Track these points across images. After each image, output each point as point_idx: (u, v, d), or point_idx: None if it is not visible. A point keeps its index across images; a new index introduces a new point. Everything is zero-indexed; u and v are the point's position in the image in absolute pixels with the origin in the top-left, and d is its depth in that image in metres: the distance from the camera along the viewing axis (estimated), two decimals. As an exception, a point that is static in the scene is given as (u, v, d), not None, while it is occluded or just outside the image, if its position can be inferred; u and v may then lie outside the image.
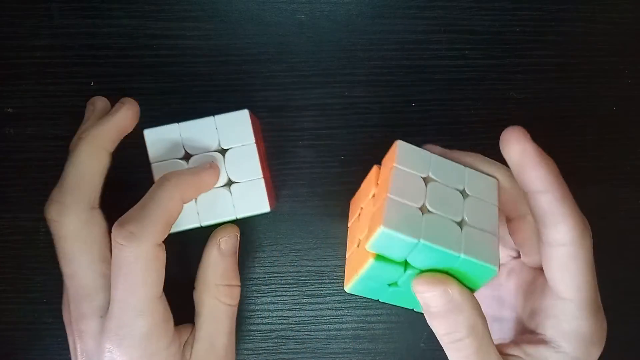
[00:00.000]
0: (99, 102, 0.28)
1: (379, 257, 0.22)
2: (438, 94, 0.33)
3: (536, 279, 0.26)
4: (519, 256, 0.28)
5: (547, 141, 0.33)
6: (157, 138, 0.27)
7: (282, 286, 0.32)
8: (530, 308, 0.26)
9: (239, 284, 0.29)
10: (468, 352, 0.22)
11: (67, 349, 0.27)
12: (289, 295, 0.32)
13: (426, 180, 0.24)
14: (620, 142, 0.33)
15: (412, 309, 0.26)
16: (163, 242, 0.25)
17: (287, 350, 0.32)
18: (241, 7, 0.33)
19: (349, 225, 0.28)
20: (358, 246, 0.25)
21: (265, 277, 0.32)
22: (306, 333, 0.32)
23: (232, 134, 0.27)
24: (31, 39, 0.32)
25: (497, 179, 0.25)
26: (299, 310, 0.32)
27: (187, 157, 0.27)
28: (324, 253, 0.32)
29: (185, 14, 0.33)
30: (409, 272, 0.23)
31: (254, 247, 0.32)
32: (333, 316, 0.32)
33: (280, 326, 0.32)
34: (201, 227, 0.27)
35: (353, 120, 0.33)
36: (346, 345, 0.32)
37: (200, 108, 0.32)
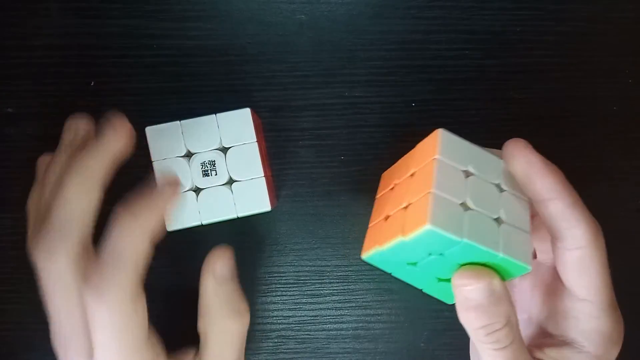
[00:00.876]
0: (82, 127, 0.27)
1: (409, 243, 0.22)
2: (438, 94, 0.33)
3: (554, 279, 0.26)
4: (534, 256, 0.28)
5: (547, 141, 0.33)
6: (158, 136, 0.27)
7: (282, 286, 0.32)
8: (548, 310, 0.26)
9: (247, 306, 0.28)
10: (505, 343, 0.22)
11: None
12: (289, 295, 0.32)
13: (466, 173, 0.24)
14: (620, 142, 0.33)
15: (421, 290, 0.26)
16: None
17: (287, 350, 0.32)
18: (241, 7, 0.33)
19: (377, 197, 0.28)
20: (386, 220, 0.25)
21: (265, 277, 0.32)
22: (306, 333, 0.32)
23: (234, 132, 0.27)
24: (31, 39, 0.32)
25: None
26: (299, 310, 0.32)
27: (188, 154, 0.27)
28: (324, 253, 0.32)
29: (185, 14, 0.33)
30: (432, 257, 0.23)
31: (254, 247, 0.32)
32: (333, 316, 0.32)
33: (280, 326, 0.32)
34: (202, 226, 0.27)
35: (353, 120, 0.33)
36: (346, 345, 0.32)
37: (200, 108, 0.32)
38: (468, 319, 0.23)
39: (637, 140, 0.33)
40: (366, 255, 0.25)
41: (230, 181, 0.27)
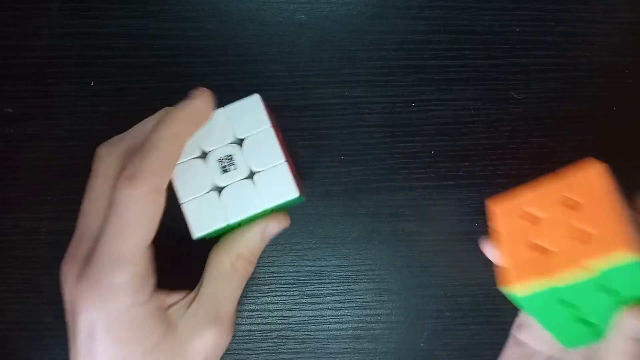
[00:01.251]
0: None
1: (599, 277, 0.21)
2: (438, 94, 0.33)
3: None
4: None
5: (547, 141, 0.33)
6: None
7: (282, 286, 0.32)
8: None
9: (255, 263, 0.28)
10: None
11: (67, 348, 0.27)
12: (289, 295, 0.32)
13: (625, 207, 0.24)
14: (620, 142, 0.33)
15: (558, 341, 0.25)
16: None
17: (287, 350, 0.32)
18: (241, 7, 0.33)
19: (499, 230, 0.26)
20: (542, 253, 0.23)
21: (265, 277, 0.32)
22: (306, 333, 0.32)
23: (246, 121, 0.25)
24: (31, 39, 0.32)
25: None
26: (299, 310, 0.32)
27: (203, 154, 0.26)
28: (324, 253, 0.32)
29: (185, 14, 0.33)
30: (596, 295, 0.22)
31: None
32: (333, 316, 0.32)
33: (280, 326, 0.32)
34: (229, 227, 0.26)
35: (353, 120, 0.33)
36: (346, 345, 0.32)
37: (200, 108, 0.32)
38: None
39: (637, 140, 0.33)
40: (520, 289, 0.23)
41: (252, 173, 0.26)
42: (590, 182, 0.24)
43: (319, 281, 0.32)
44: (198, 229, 0.25)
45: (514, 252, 0.24)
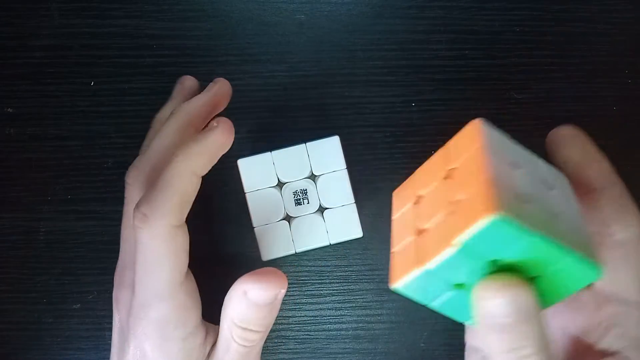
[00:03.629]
0: (188, 82, 0.30)
1: (466, 247, 0.18)
2: (438, 94, 0.33)
3: (577, 296, 0.24)
4: None
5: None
6: (250, 167, 0.27)
7: (282, 286, 0.32)
8: (586, 321, 0.24)
9: (262, 330, 0.25)
10: None
11: (67, 349, 0.27)
12: (289, 295, 0.32)
13: (514, 166, 0.20)
14: (620, 142, 0.33)
15: (463, 322, 0.22)
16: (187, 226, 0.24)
17: (287, 350, 0.32)
18: (241, 7, 0.33)
19: (393, 218, 0.24)
20: (420, 235, 0.21)
21: (265, 277, 0.32)
22: (306, 333, 0.32)
23: (324, 160, 0.27)
24: (31, 39, 0.32)
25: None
26: (299, 310, 0.32)
27: (280, 184, 0.27)
28: (324, 253, 0.32)
29: (185, 14, 0.33)
30: (487, 269, 0.19)
31: (254, 247, 0.32)
32: (333, 316, 0.32)
33: (280, 326, 0.32)
34: (296, 254, 0.28)
35: (353, 120, 0.33)
36: (346, 345, 0.32)
37: (200, 108, 0.32)
38: (489, 341, 0.19)
39: (637, 140, 0.33)
40: (400, 283, 0.20)
41: (322, 209, 0.27)
42: (465, 143, 0.21)
43: (319, 281, 0.32)
44: (267, 254, 0.27)
45: (399, 242, 0.22)
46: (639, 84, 0.33)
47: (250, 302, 0.24)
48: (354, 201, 0.27)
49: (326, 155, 0.27)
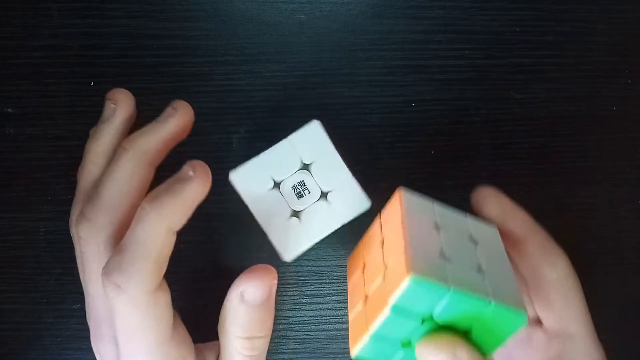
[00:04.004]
0: (124, 101, 0.25)
1: (396, 308, 0.20)
2: (438, 94, 0.33)
3: (531, 335, 0.26)
4: None
5: (547, 141, 0.33)
6: (243, 178, 0.27)
7: (282, 286, 0.32)
8: None
9: (265, 333, 0.25)
10: None
11: (67, 348, 0.27)
12: (289, 295, 0.32)
13: (436, 227, 0.23)
14: (620, 142, 0.33)
15: None
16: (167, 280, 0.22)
17: (287, 350, 0.32)
18: (241, 7, 0.33)
19: (348, 284, 0.26)
20: (366, 302, 0.22)
21: (265, 277, 0.32)
22: (306, 333, 0.32)
23: (310, 147, 0.27)
24: (31, 39, 0.32)
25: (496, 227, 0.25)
26: (299, 310, 0.32)
27: (277, 184, 0.27)
28: (324, 253, 0.32)
29: (185, 14, 0.33)
30: (425, 327, 0.21)
31: (254, 247, 0.32)
32: (333, 316, 0.32)
33: (280, 326, 0.32)
34: (313, 246, 0.27)
35: (353, 120, 0.33)
36: (346, 345, 0.32)
37: (200, 108, 0.32)
38: None
39: (637, 140, 0.33)
40: (356, 350, 0.22)
41: (324, 194, 0.27)
42: (392, 212, 0.24)
43: (319, 281, 0.32)
44: (287, 254, 0.26)
45: (352, 309, 0.24)
46: (639, 84, 0.33)
47: (248, 305, 0.24)
48: (352, 177, 0.27)
49: (311, 142, 0.27)
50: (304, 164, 0.27)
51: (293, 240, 0.26)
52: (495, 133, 0.33)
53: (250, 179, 0.27)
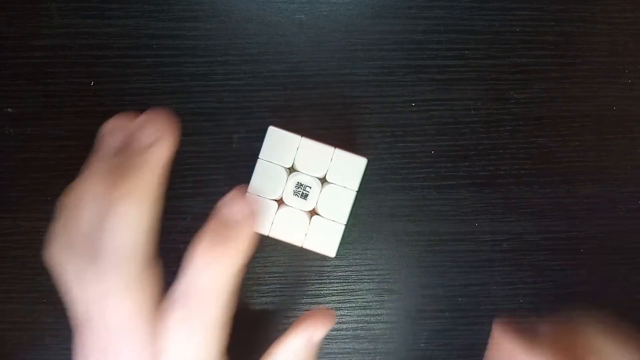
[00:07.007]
0: (120, 132, 0.23)
1: None
2: (438, 94, 0.33)
3: None
4: None
5: (547, 141, 0.33)
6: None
7: (282, 286, 0.32)
8: None
9: None
10: None
11: (67, 349, 0.27)
12: (289, 295, 0.32)
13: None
14: (620, 142, 0.33)
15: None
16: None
17: (287, 350, 0.32)
18: (241, 7, 0.33)
19: None
20: None
21: (265, 277, 0.32)
22: (306, 333, 0.32)
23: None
24: (31, 39, 0.32)
25: None
26: (299, 311, 0.32)
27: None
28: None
29: (185, 14, 0.33)
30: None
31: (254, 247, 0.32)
32: (333, 316, 0.32)
33: (280, 326, 0.32)
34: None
35: (353, 120, 0.33)
36: (346, 346, 0.32)
37: (200, 108, 0.32)
38: None
39: (637, 140, 0.33)
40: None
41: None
42: None
43: (319, 281, 0.32)
44: (331, 251, 0.27)
45: None
46: (639, 84, 0.33)
47: (315, 346, 0.25)
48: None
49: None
50: (288, 168, 0.27)
51: (326, 236, 0.27)
52: (495, 133, 0.33)
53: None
